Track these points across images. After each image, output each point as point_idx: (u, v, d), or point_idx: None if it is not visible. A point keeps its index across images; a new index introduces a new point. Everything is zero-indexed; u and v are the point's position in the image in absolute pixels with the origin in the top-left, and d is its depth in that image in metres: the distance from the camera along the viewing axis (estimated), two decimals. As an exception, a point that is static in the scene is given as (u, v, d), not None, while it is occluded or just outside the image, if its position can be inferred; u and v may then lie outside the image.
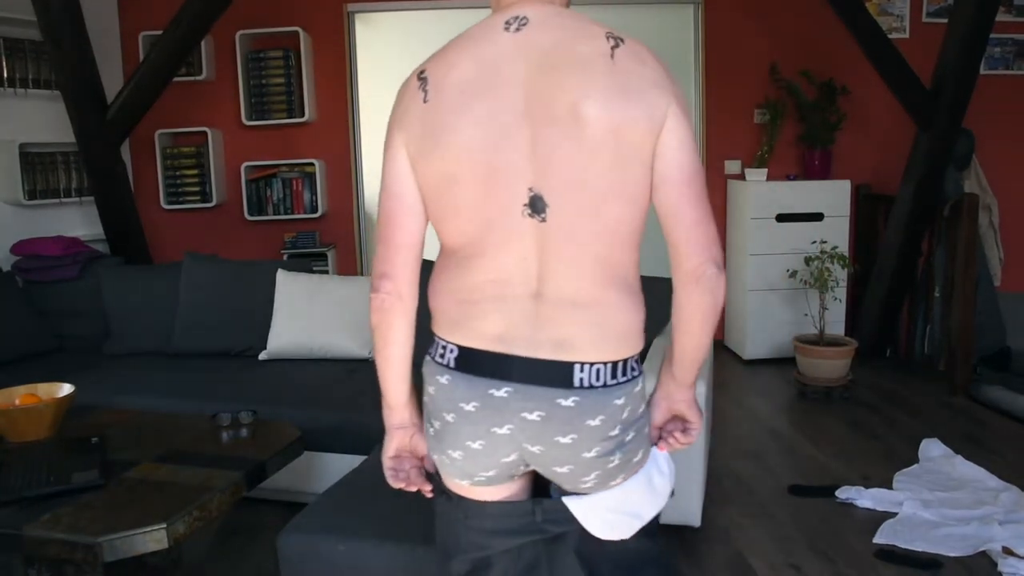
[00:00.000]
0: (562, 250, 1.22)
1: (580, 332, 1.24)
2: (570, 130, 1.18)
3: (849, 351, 4.23)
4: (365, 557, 1.84)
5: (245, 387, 3.14)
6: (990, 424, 3.81)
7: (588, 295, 1.23)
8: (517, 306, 1.24)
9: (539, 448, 1.26)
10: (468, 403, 1.26)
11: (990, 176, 4.95)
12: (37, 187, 4.29)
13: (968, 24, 4.13)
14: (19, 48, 4.20)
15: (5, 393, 2.42)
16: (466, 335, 1.27)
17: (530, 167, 1.20)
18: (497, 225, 1.23)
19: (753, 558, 2.59)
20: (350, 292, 3.54)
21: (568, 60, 1.20)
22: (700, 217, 1.23)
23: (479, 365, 1.26)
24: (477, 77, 1.22)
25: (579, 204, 1.21)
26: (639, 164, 1.21)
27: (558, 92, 1.19)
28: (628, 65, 1.20)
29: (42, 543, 1.77)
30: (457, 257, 1.28)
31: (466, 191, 1.23)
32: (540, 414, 1.23)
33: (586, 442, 1.25)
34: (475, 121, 1.21)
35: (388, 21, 5.27)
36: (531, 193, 1.20)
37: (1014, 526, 2.66)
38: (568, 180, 1.20)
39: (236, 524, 2.84)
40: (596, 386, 1.24)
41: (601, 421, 1.24)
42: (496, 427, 1.25)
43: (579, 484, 1.31)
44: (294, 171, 5.11)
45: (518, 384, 1.23)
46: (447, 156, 1.22)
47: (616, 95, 1.18)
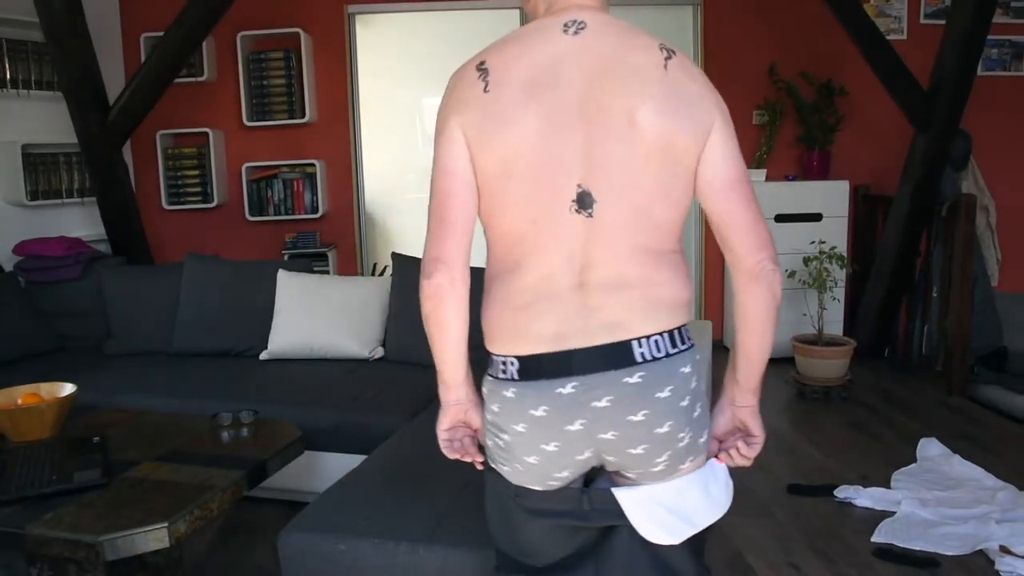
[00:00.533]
0: (607, 240, 1.24)
1: (630, 309, 1.25)
2: (624, 134, 1.22)
3: (847, 351, 4.24)
4: (365, 557, 1.85)
5: (246, 387, 3.15)
6: (987, 423, 3.82)
7: (633, 275, 1.25)
8: (565, 299, 1.25)
9: (613, 433, 1.26)
10: (538, 409, 1.27)
11: (988, 177, 4.96)
12: (39, 188, 4.30)
13: (966, 25, 4.14)
14: (21, 49, 4.21)
15: (7, 393, 2.43)
16: (523, 343, 1.28)
17: (581, 165, 1.23)
18: (545, 221, 1.25)
19: (752, 557, 2.60)
20: (350, 292, 3.55)
21: (624, 67, 1.24)
22: (753, 219, 1.28)
23: (541, 369, 1.27)
24: (537, 74, 1.25)
25: (627, 203, 1.24)
26: (684, 170, 1.26)
27: (614, 97, 1.23)
28: (679, 76, 1.25)
29: (44, 542, 1.78)
30: (506, 263, 1.30)
31: (519, 185, 1.25)
32: (609, 399, 1.24)
33: (658, 416, 1.25)
34: (534, 116, 1.23)
35: (388, 22, 5.28)
36: (579, 189, 1.23)
37: (1011, 524, 2.67)
38: (618, 181, 1.24)
39: (237, 523, 2.85)
40: (659, 357, 1.25)
41: (671, 392, 1.25)
42: (568, 424, 1.26)
43: (651, 467, 1.30)
44: (295, 171, 5.12)
45: (581, 376, 1.24)
46: (506, 146, 1.24)
47: (668, 104, 1.23)
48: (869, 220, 5.07)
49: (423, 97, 5.31)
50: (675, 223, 1.29)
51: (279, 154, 5.15)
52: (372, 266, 5.33)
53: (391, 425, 2.72)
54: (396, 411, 2.85)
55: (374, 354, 3.48)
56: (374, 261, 5.40)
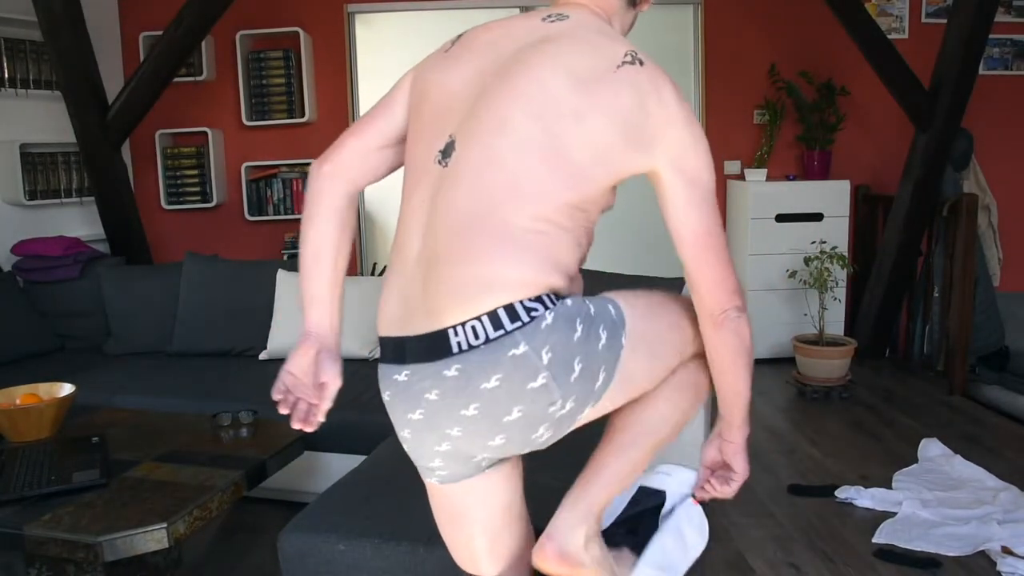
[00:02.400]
0: (450, 199, 1.13)
1: (447, 291, 1.12)
2: (522, 88, 1.13)
3: (848, 351, 4.23)
4: (365, 557, 1.85)
5: (245, 387, 3.14)
6: (988, 424, 3.81)
7: (461, 247, 1.11)
8: (410, 272, 1.18)
9: (457, 429, 1.16)
10: (385, 392, 1.23)
11: (989, 176, 4.96)
12: (38, 187, 4.29)
13: (967, 25, 4.14)
14: (20, 49, 4.20)
15: (6, 393, 2.43)
16: (381, 323, 1.23)
17: (462, 116, 1.17)
18: (416, 170, 1.21)
19: (753, 558, 2.60)
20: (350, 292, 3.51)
21: (572, 43, 1.17)
22: (719, 276, 1.20)
23: (385, 353, 1.22)
24: (489, 42, 1.24)
25: (490, 151, 1.12)
26: (600, 157, 1.13)
27: (538, 58, 1.16)
28: (631, 85, 1.13)
29: (43, 542, 1.78)
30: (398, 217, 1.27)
31: (414, 127, 1.25)
32: (437, 392, 1.13)
33: (495, 406, 1.11)
34: (459, 69, 1.23)
35: (388, 21, 5.28)
36: (449, 139, 1.17)
37: (1013, 525, 2.66)
38: (489, 128, 1.13)
39: (236, 524, 2.85)
40: (476, 345, 1.09)
41: (500, 380, 1.09)
42: (410, 413, 1.19)
43: (534, 445, 1.19)
44: (294, 171, 5.11)
45: (412, 364, 1.15)
46: (422, 85, 1.26)
47: (596, 94, 1.12)
48: (870, 220, 5.07)
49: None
50: (555, 201, 1.12)
51: (279, 154, 5.14)
52: (372, 266, 5.32)
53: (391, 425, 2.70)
54: (396, 411, 2.84)
55: (374, 354, 3.47)
56: (374, 261, 5.39)
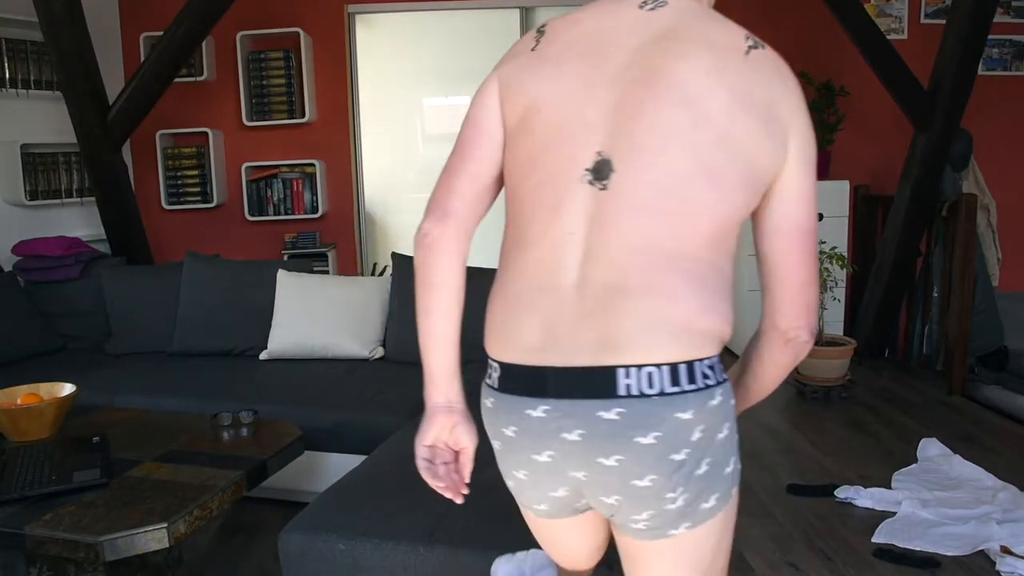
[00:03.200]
0: (618, 225, 1.02)
1: (626, 325, 1.01)
2: (672, 96, 1.03)
3: (848, 351, 4.24)
4: (365, 557, 1.85)
5: (246, 387, 3.14)
6: (988, 423, 3.82)
7: (638, 280, 1.02)
8: (559, 297, 1.05)
9: (584, 474, 1.07)
10: (508, 428, 1.10)
11: (988, 177, 4.95)
12: (38, 187, 4.30)
13: (966, 25, 4.14)
14: (20, 49, 4.21)
15: (7, 393, 2.43)
16: (507, 347, 1.10)
17: (607, 128, 1.05)
18: (552, 188, 1.07)
19: (752, 557, 2.60)
20: (350, 292, 3.55)
21: (693, 38, 1.07)
22: (807, 279, 1.11)
23: (515, 382, 1.08)
24: (589, 38, 1.11)
25: (652, 179, 1.03)
26: (748, 165, 1.04)
27: (671, 60, 1.04)
28: (763, 73, 1.06)
29: (44, 542, 1.78)
30: (513, 237, 1.13)
31: (535, 141, 1.09)
32: (581, 432, 1.03)
33: (635, 466, 1.03)
34: (570, 71, 1.09)
35: (388, 21, 5.28)
36: (599, 157, 1.04)
37: (1012, 525, 2.67)
38: (647, 148, 1.03)
39: (237, 524, 2.85)
40: (648, 394, 1.00)
41: (656, 439, 1.01)
42: (535, 454, 1.08)
43: (629, 523, 1.09)
44: (294, 171, 5.11)
45: (555, 400, 1.04)
46: (531, 96, 1.11)
47: (740, 92, 1.03)
48: (869, 220, 5.07)
49: (423, 97, 5.30)
50: (716, 220, 1.04)
51: (279, 154, 5.14)
52: (372, 266, 5.33)
53: (391, 425, 2.72)
54: (396, 411, 2.85)
55: (374, 354, 3.47)
56: (374, 261, 5.39)
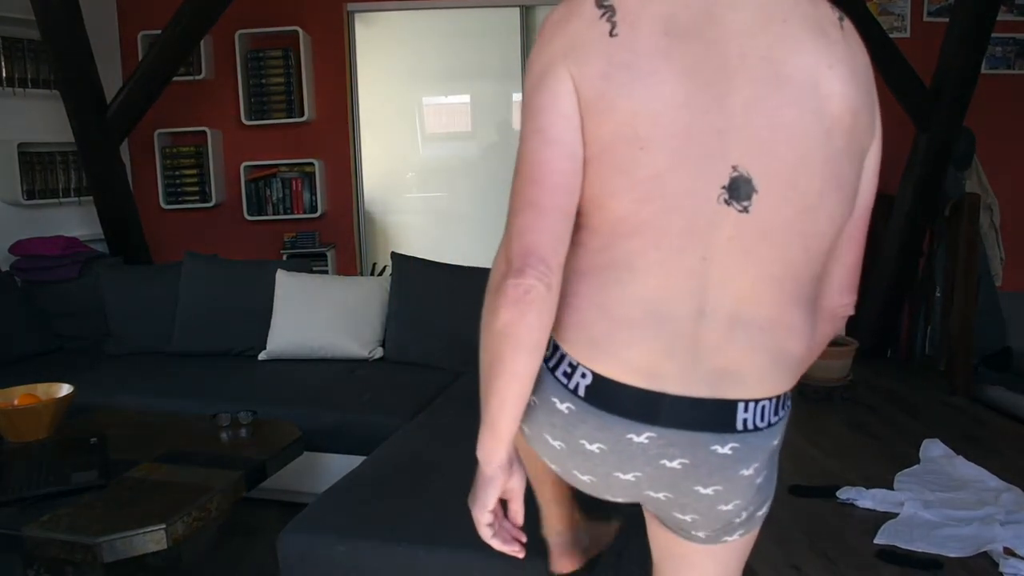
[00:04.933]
0: (751, 252, 0.94)
1: (750, 361, 0.98)
2: (805, 99, 0.93)
3: (850, 351, 4.22)
4: (365, 557, 1.84)
5: (245, 387, 3.14)
6: (991, 424, 3.80)
7: (767, 314, 0.97)
8: (676, 327, 0.96)
9: (665, 495, 1.04)
10: (592, 443, 1.01)
11: (991, 176, 4.95)
12: (36, 187, 4.28)
13: (969, 23, 4.13)
14: (18, 48, 4.19)
15: (4, 393, 2.42)
16: (606, 361, 0.98)
17: (738, 136, 0.92)
18: (679, 211, 0.93)
19: (753, 558, 2.56)
20: (350, 292, 3.54)
21: (800, 15, 0.95)
22: (859, 258, 1.10)
23: (618, 402, 0.98)
24: (682, 13, 0.93)
25: (796, 195, 0.94)
26: (860, 161, 1.00)
27: (792, 52, 0.93)
28: (855, 42, 0.99)
29: (42, 543, 1.77)
30: (608, 258, 0.97)
31: (652, 160, 0.92)
32: (683, 462, 0.99)
33: (729, 494, 1.03)
34: (678, 69, 0.91)
35: (388, 21, 5.26)
36: (735, 173, 0.92)
37: (1015, 526, 2.65)
38: (790, 162, 0.93)
39: (236, 524, 2.84)
40: (760, 427, 1.00)
41: (755, 470, 1.03)
42: (620, 472, 1.02)
43: (692, 533, 1.11)
44: (294, 171, 5.10)
45: (663, 428, 0.98)
46: (639, 108, 0.92)
47: (855, 75, 0.97)
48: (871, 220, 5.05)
49: (423, 97, 5.29)
50: (839, 233, 1.01)
51: (278, 153, 5.13)
52: (371, 266, 5.31)
53: (391, 425, 2.71)
54: (396, 411, 2.84)
55: (374, 354, 3.46)
56: (373, 261, 5.38)
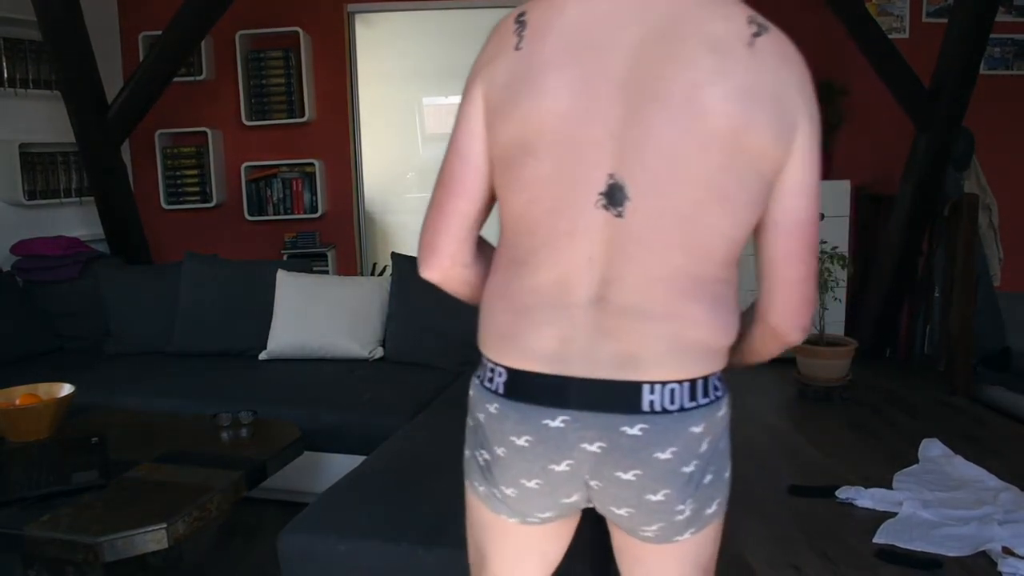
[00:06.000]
0: (636, 252, 1.02)
1: (650, 346, 1.03)
2: (680, 115, 0.98)
3: (849, 351, 4.23)
4: (365, 557, 1.84)
5: (245, 387, 3.13)
6: (990, 424, 3.81)
7: (662, 307, 1.03)
8: (576, 314, 1.04)
9: (597, 483, 1.09)
10: (520, 437, 1.08)
11: (990, 176, 4.95)
12: (37, 187, 4.29)
13: (968, 24, 4.14)
14: (19, 48, 4.19)
15: (5, 393, 2.42)
16: (516, 354, 1.08)
17: (616, 150, 1.00)
18: (564, 213, 1.03)
19: (753, 558, 2.59)
20: (350, 292, 3.54)
21: (694, 33, 1.00)
22: (803, 275, 1.08)
23: (531, 391, 1.07)
24: (583, 31, 1.02)
25: (668, 205, 1.01)
26: (757, 178, 1.02)
27: (677, 68, 0.99)
28: (768, 64, 1.01)
29: (42, 543, 1.77)
30: (516, 251, 1.09)
31: (539, 164, 1.03)
32: (601, 445, 1.05)
33: (652, 481, 1.06)
34: (568, 81, 1.01)
35: (388, 21, 5.27)
36: (611, 181, 1.00)
37: (1014, 526, 2.66)
38: (661, 175, 1.00)
39: (236, 524, 2.84)
40: (670, 410, 1.04)
41: (672, 454, 1.05)
42: (554, 464, 1.08)
43: (639, 532, 1.13)
44: (294, 171, 5.11)
45: (576, 411, 1.04)
46: (529, 119, 1.03)
47: (747, 92, 0.99)
48: (870, 220, 5.06)
49: (423, 97, 5.30)
50: (729, 243, 1.04)
51: (278, 153, 5.13)
52: (372, 266, 5.32)
53: (391, 425, 2.71)
54: (396, 411, 2.84)
55: (374, 354, 3.46)
56: (374, 261, 5.38)
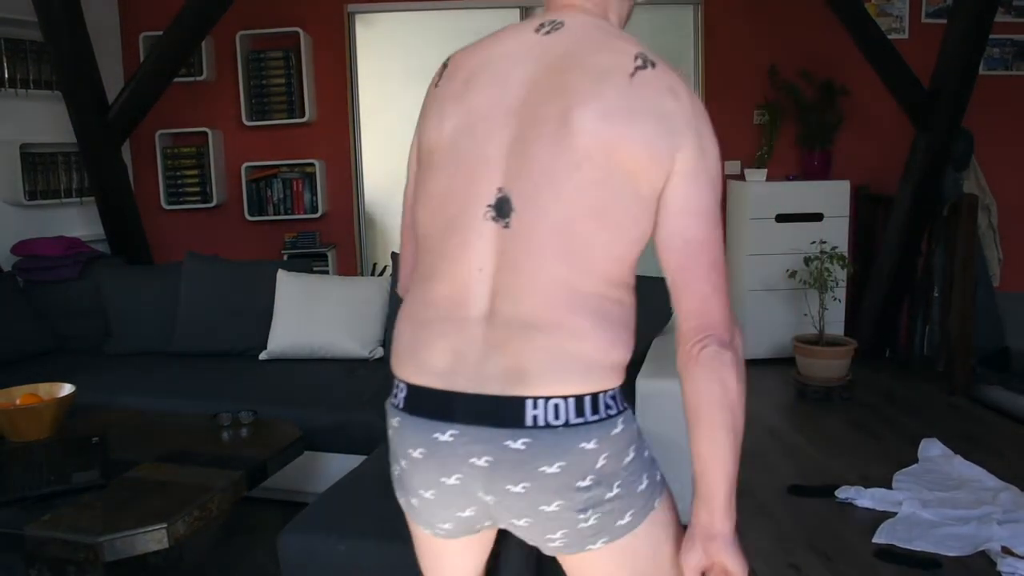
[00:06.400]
0: (522, 264, 1.07)
1: (535, 359, 1.05)
2: (554, 135, 1.07)
3: (849, 351, 4.23)
4: (365, 557, 1.84)
5: (245, 387, 3.14)
6: (989, 424, 3.81)
7: (546, 317, 1.06)
8: (466, 330, 1.09)
9: (492, 498, 1.10)
10: (415, 449, 1.12)
11: (989, 177, 4.95)
12: (38, 187, 4.29)
13: (967, 25, 4.14)
14: (20, 49, 4.20)
15: (6, 393, 2.42)
16: (413, 369, 1.13)
17: (505, 166, 1.09)
18: (458, 226, 1.11)
19: (752, 558, 2.59)
20: (350, 292, 3.54)
21: (580, 67, 1.09)
22: (710, 290, 1.07)
23: (423, 405, 1.11)
24: (485, 69, 1.15)
25: (549, 217, 1.06)
26: (632, 196, 1.06)
27: (554, 95, 1.09)
28: (648, 92, 1.07)
29: (43, 543, 1.77)
30: (422, 268, 1.17)
31: (437, 179, 1.15)
32: (488, 459, 1.06)
33: (542, 493, 1.07)
34: (467, 110, 1.14)
35: (388, 21, 5.27)
36: (499, 194, 1.08)
37: (1013, 526, 2.66)
38: (541, 188, 1.07)
39: (236, 524, 2.84)
40: (554, 425, 1.04)
41: (560, 468, 1.05)
42: (444, 477, 1.10)
43: (545, 543, 1.13)
44: (294, 171, 5.11)
45: (463, 426, 1.07)
46: (430, 140, 1.18)
47: (619, 113, 1.05)
48: (870, 220, 5.06)
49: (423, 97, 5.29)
50: (612, 259, 1.07)
51: (278, 154, 5.13)
52: (372, 266, 5.32)
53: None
54: (396, 411, 2.84)
55: (374, 354, 3.47)
56: (374, 261, 5.38)
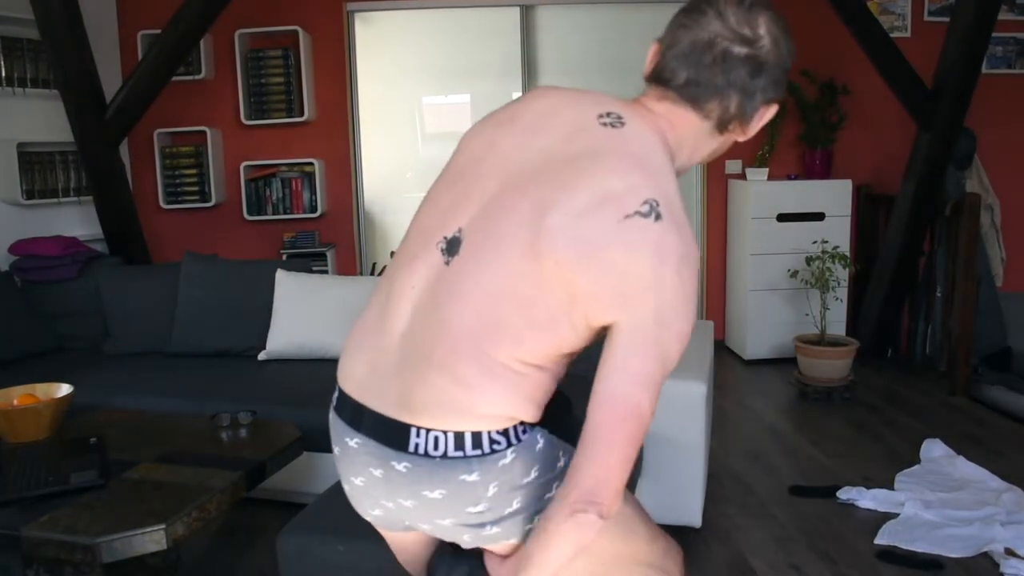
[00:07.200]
0: (445, 304, 1.10)
1: (422, 393, 1.10)
2: (527, 217, 1.07)
3: (850, 351, 4.22)
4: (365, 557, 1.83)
5: (245, 387, 3.13)
6: (991, 424, 3.80)
7: (445, 361, 1.09)
8: (385, 345, 1.16)
9: (392, 504, 1.19)
10: (336, 447, 1.24)
11: (992, 176, 4.94)
12: (35, 187, 4.28)
13: (970, 23, 4.13)
14: (17, 47, 4.18)
15: (3, 393, 2.41)
16: (343, 375, 1.23)
17: (475, 211, 1.13)
18: (422, 240, 1.18)
19: (754, 559, 2.58)
20: (350, 292, 3.53)
21: (592, 177, 1.07)
22: (613, 465, 1.02)
23: (343, 408, 1.22)
24: (536, 118, 1.19)
25: (483, 278, 1.08)
26: (564, 316, 1.07)
27: (555, 186, 1.08)
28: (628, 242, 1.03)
29: (41, 544, 1.76)
30: (391, 264, 1.27)
31: (438, 188, 1.24)
32: (382, 472, 1.16)
33: (433, 511, 1.15)
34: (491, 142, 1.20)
35: (388, 21, 5.26)
36: (457, 232, 1.13)
37: (1016, 527, 2.65)
38: (489, 250, 1.09)
39: (236, 524, 2.84)
40: (433, 455, 1.10)
41: (442, 495, 1.12)
42: (352, 476, 1.22)
43: (461, 540, 1.20)
44: (293, 171, 5.10)
45: (365, 437, 1.16)
46: (461, 145, 1.26)
47: (588, 247, 1.04)
48: (872, 219, 5.06)
49: (423, 96, 5.29)
50: (525, 346, 1.08)
51: (277, 153, 5.13)
52: (371, 266, 5.31)
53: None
54: (396, 411, 2.83)
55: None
56: (373, 261, 5.38)
